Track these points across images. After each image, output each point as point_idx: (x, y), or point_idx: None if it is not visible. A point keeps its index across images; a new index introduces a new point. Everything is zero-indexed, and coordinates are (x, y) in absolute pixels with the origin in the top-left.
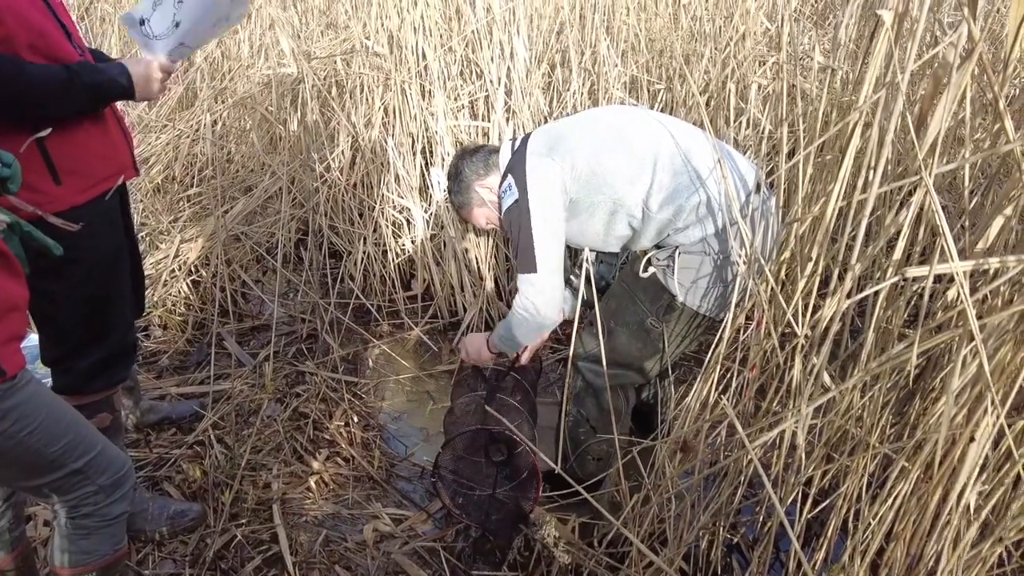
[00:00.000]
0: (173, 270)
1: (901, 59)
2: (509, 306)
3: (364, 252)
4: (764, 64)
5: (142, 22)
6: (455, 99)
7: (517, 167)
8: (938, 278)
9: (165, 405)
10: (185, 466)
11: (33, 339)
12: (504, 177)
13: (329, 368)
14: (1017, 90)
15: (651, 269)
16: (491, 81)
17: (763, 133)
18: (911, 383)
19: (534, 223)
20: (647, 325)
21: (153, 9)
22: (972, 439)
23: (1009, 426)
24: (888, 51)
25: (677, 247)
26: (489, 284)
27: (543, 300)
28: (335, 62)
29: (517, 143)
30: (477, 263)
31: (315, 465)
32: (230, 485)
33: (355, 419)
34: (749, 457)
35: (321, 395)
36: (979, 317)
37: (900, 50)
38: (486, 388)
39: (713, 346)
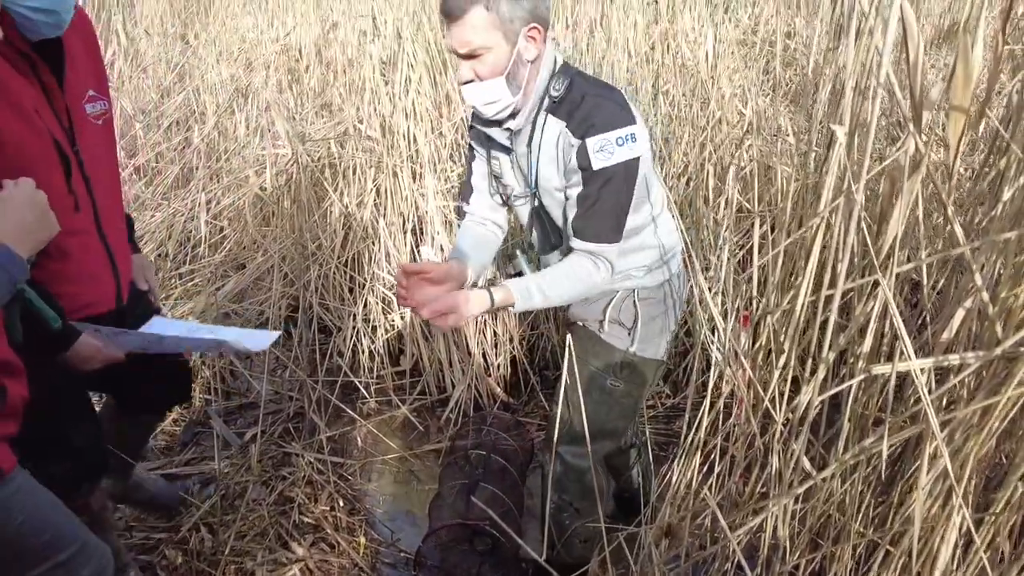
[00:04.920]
0: None
1: (859, 162)
2: (498, 382)
3: (353, 328)
4: (741, 146)
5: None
6: (445, 180)
7: (628, 118)
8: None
9: (153, 485)
10: (168, 552)
11: None
12: (620, 122)
13: (315, 449)
14: (965, 193)
15: (591, 322)
16: None
17: (739, 210)
18: (887, 470)
19: (637, 191)
20: (607, 387)
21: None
22: (943, 538)
23: (978, 524)
24: (843, 163)
25: (633, 291)
26: (478, 360)
27: (612, 271)
28: (329, 144)
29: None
30: (465, 339)
31: (300, 552)
32: (212, 574)
33: (341, 503)
34: (733, 547)
35: (307, 477)
36: (949, 404)
37: (859, 153)
38: (472, 475)
39: (694, 429)
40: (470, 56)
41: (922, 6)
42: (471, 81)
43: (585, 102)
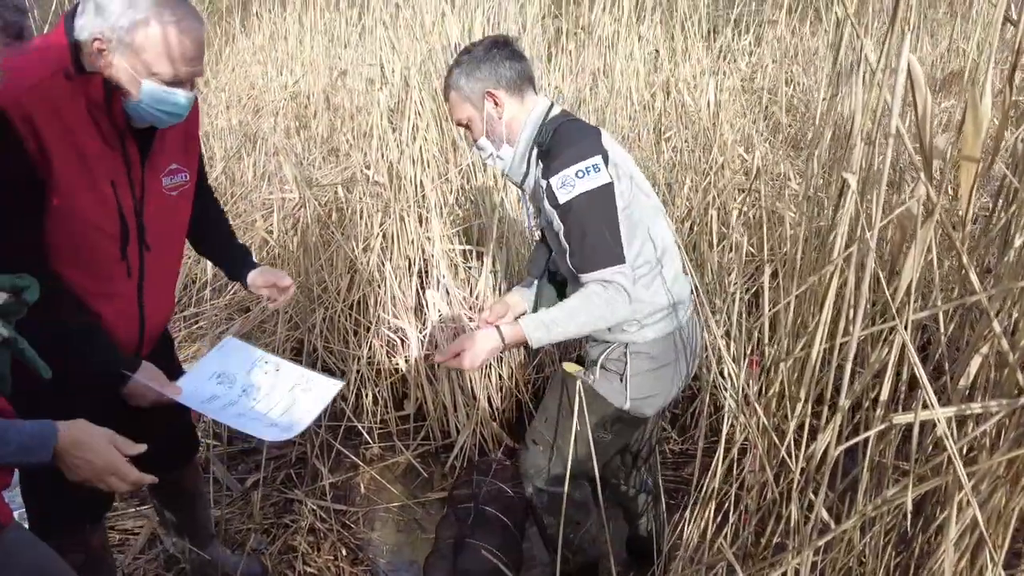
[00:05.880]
0: None
1: (869, 209)
2: (503, 426)
3: (357, 371)
4: (743, 192)
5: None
6: (451, 224)
7: (594, 150)
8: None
9: (230, 562)
10: None
11: None
12: (579, 157)
13: (318, 495)
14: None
15: (581, 376)
16: (485, 211)
17: (745, 255)
18: (911, 518)
19: (620, 212)
20: (596, 438)
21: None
22: None
23: None
24: (855, 211)
25: (626, 344)
26: (482, 404)
27: (630, 294)
28: (336, 189)
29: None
30: (471, 383)
31: None
32: None
33: (344, 552)
34: None
35: (310, 525)
36: (970, 451)
37: (868, 201)
38: (461, 532)
39: (708, 477)
40: (463, 126)
41: (914, 55)
42: (475, 143)
43: (557, 145)
